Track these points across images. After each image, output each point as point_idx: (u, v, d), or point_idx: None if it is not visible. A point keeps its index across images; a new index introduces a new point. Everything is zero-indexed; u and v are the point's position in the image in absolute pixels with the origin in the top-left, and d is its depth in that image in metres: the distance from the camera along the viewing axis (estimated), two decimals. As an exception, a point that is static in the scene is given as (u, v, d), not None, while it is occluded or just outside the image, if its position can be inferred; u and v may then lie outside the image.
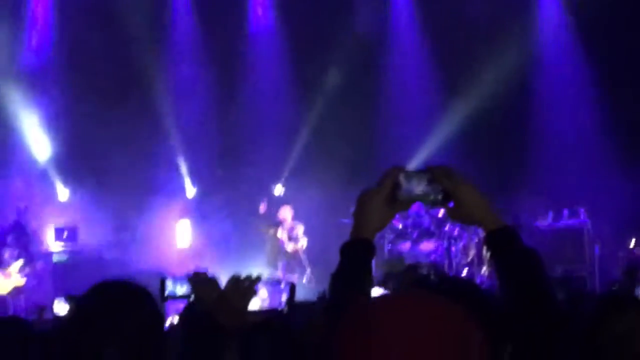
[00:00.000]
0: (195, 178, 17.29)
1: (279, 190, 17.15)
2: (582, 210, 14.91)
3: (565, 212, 15.09)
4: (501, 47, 16.06)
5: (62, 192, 16.71)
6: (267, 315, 5.17)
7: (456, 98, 16.46)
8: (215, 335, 2.30)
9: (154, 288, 3.16)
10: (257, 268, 13.66)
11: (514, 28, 16.48)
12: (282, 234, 15.11)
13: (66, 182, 16.66)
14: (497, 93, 15.88)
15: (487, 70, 16.06)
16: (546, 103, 16.66)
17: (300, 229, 15.13)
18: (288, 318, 5.63)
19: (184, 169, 17.14)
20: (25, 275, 13.72)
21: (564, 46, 16.98)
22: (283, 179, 17.17)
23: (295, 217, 15.24)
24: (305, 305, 8.00)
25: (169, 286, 3.12)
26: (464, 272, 14.30)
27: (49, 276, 14.76)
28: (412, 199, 2.58)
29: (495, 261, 2.58)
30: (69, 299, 5.24)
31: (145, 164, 16.41)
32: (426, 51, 17.13)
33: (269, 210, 15.66)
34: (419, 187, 2.56)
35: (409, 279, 5.18)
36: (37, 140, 16.37)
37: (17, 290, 13.65)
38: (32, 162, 16.40)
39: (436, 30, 16.90)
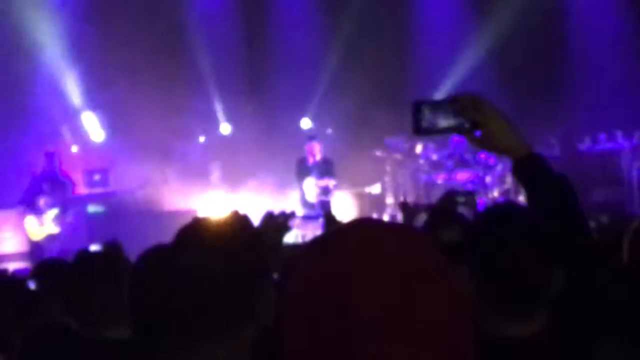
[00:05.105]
0: (229, 115, 17.30)
1: (306, 124, 17.07)
2: (619, 133, 14.74)
3: (602, 136, 14.94)
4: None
5: (97, 134, 16.70)
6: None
7: (486, 21, 16.20)
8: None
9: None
10: (292, 204, 13.63)
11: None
12: (315, 185, 14.47)
13: (100, 123, 16.65)
14: (529, 14, 15.57)
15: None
16: (582, 23, 16.38)
17: (331, 183, 14.49)
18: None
19: (217, 105, 17.14)
20: (60, 225, 13.80)
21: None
22: (310, 113, 17.10)
23: (323, 150, 14.78)
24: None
25: None
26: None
27: (84, 223, 14.81)
28: (438, 131, 2.52)
29: (525, 190, 2.53)
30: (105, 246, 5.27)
31: (179, 103, 16.44)
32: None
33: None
34: (444, 118, 2.49)
35: (448, 206, 5.08)
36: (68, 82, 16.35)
37: (51, 237, 13.77)
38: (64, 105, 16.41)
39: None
